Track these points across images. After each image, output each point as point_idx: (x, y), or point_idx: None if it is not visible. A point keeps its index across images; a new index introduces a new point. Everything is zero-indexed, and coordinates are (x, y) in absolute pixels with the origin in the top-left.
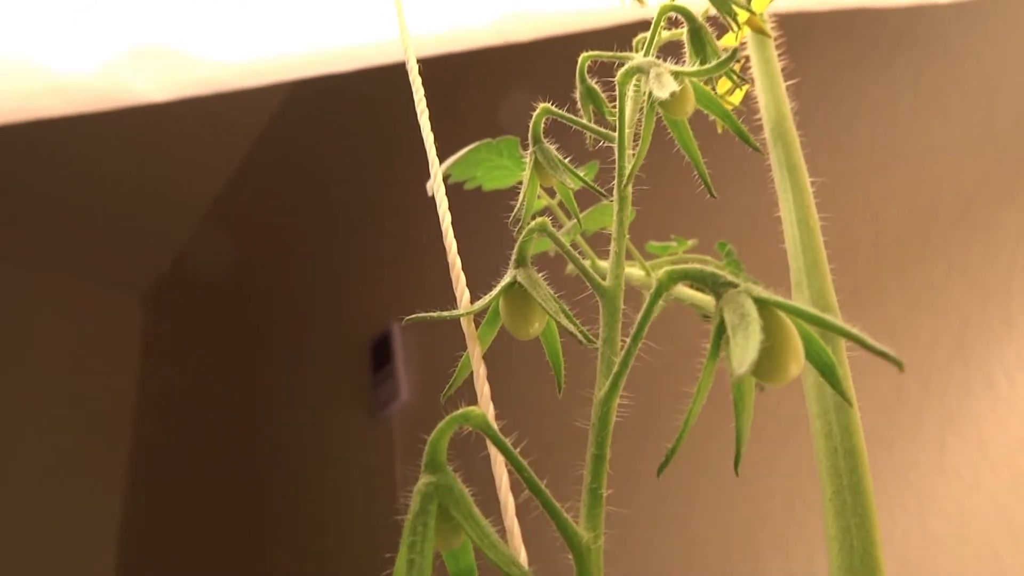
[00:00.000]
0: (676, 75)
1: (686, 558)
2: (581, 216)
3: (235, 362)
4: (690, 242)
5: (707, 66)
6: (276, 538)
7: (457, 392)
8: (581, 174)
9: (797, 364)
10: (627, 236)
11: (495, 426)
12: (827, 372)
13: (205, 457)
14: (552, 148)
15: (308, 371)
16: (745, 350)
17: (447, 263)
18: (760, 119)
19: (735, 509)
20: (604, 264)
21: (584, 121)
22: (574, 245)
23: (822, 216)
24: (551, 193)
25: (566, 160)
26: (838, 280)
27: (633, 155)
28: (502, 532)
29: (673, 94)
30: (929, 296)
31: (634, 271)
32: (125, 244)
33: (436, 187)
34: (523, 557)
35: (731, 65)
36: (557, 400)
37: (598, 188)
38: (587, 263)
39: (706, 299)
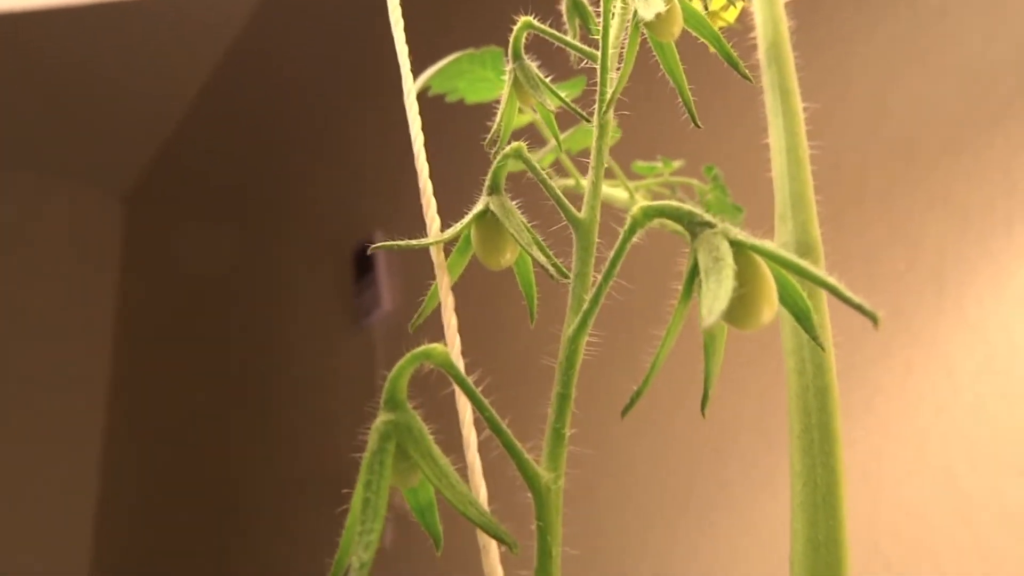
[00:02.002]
0: None
1: (650, 498)
2: (563, 136)
3: (217, 264)
4: (676, 163)
5: None
6: (256, 441)
7: (429, 319)
8: (564, 94)
9: (770, 310)
10: (606, 165)
11: (459, 363)
12: (802, 318)
13: (186, 359)
14: (533, 66)
15: (291, 277)
16: (716, 298)
17: (436, 160)
18: (755, 38)
19: (702, 446)
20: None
21: (567, 38)
22: (557, 164)
23: (812, 145)
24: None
25: (552, 75)
26: (821, 203)
27: (615, 79)
28: (464, 468)
29: (659, 15)
30: (910, 223)
31: (617, 192)
32: (105, 142)
33: (409, 107)
34: (483, 494)
35: None
36: (527, 332)
37: (579, 111)
38: (570, 182)
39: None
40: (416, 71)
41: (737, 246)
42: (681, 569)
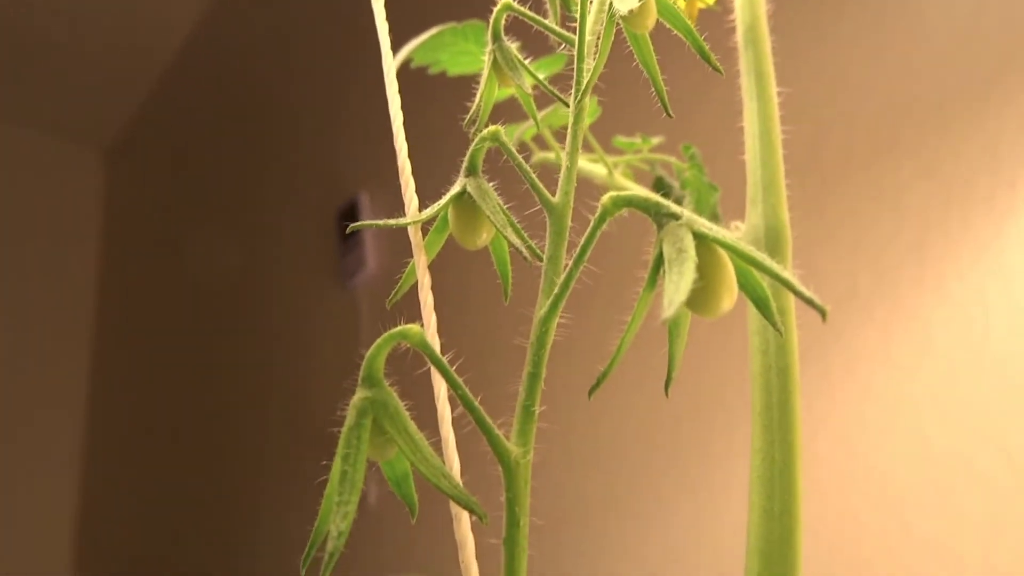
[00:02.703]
0: None
1: (612, 472)
2: (543, 114)
3: (200, 222)
4: (655, 140)
5: None
6: (240, 402)
7: (406, 295)
8: (544, 71)
9: (730, 299)
10: (580, 150)
11: (434, 342)
12: (761, 305)
13: (169, 318)
14: (512, 47)
15: (274, 237)
16: (676, 290)
17: (418, 130)
18: (734, 20)
19: (663, 423)
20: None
21: (545, 21)
22: (539, 137)
23: (786, 129)
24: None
25: (533, 56)
26: (807, 170)
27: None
28: (438, 442)
29: (632, 11)
30: (894, 193)
31: (596, 168)
32: (86, 96)
33: (389, 83)
34: (456, 467)
35: None
36: (500, 312)
37: (557, 94)
38: (551, 155)
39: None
40: (399, 42)
41: (700, 238)
42: (640, 539)
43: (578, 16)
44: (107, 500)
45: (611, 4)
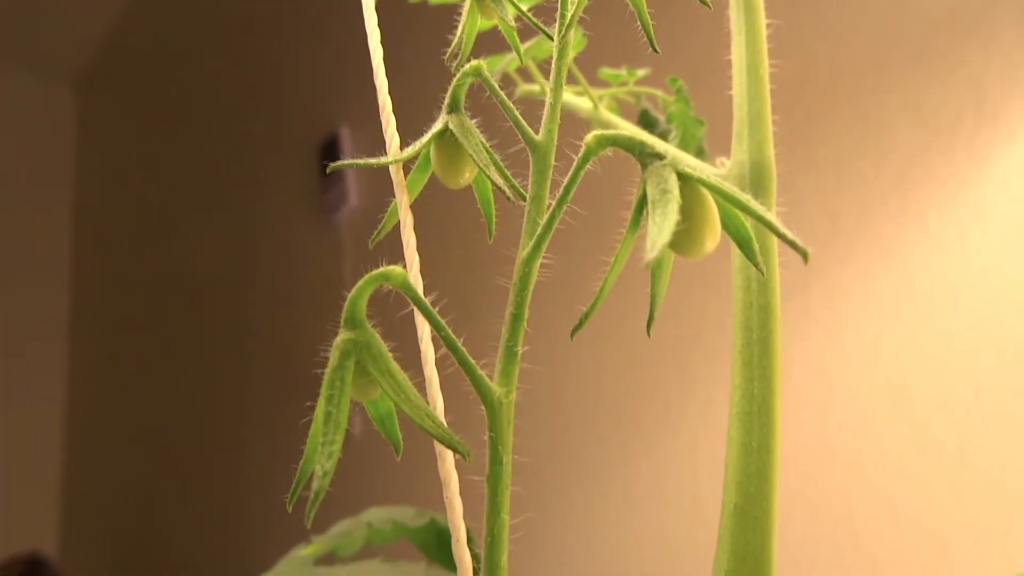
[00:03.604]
0: None
1: (592, 409)
2: (527, 46)
3: (177, 157)
4: (641, 72)
5: None
6: (224, 339)
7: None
8: (525, 5)
9: (713, 240)
10: (564, 85)
11: (417, 283)
12: (743, 245)
13: (147, 256)
14: None
15: (254, 171)
16: (659, 232)
17: (399, 60)
18: None
19: (641, 361)
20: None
21: None
22: (523, 70)
23: (773, 63)
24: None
25: None
26: (791, 105)
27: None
28: (422, 382)
29: None
30: (879, 130)
31: (581, 102)
32: (52, 26)
33: (368, 17)
34: (440, 406)
35: None
36: (484, 249)
37: (541, 26)
38: (536, 87)
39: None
40: None
41: (684, 178)
42: (623, 473)
43: None
44: (91, 445)
45: None
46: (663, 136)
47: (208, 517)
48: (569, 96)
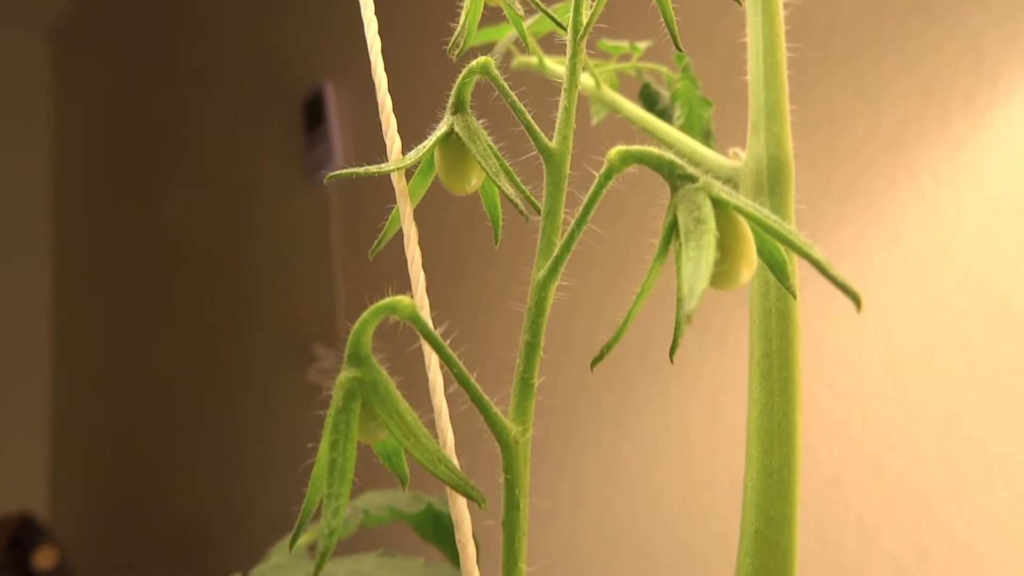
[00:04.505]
0: None
1: (582, 369)
2: (530, 22)
3: (157, 110)
4: (643, 45)
5: None
6: (208, 300)
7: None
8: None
9: (749, 272)
10: (578, 88)
11: (423, 305)
12: (777, 269)
13: (128, 214)
14: None
15: (236, 128)
16: (697, 274)
17: (387, 11)
18: None
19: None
20: (558, 67)
21: None
22: (524, 46)
23: (790, 47)
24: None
25: None
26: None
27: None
28: (430, 420)
29: None
30: (874, 88)
31: (582, 77)
32: None
33: (367, 22)
34: (450, 440)
35: None
36: (493, 263)
37: (551, 15)
38: (533, 60)
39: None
40: None
41: (719, 205)
42: (609, 433)
43: None
44: (80, 407)
45: None
46: (665, 114)
47: (199, 479)
48: (552, 64)
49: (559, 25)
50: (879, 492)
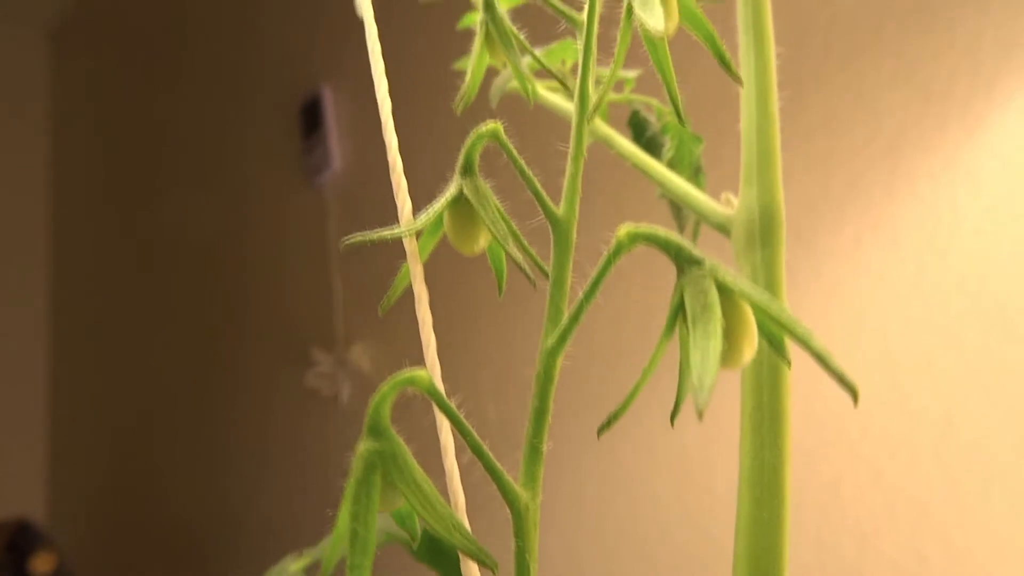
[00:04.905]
0: None
1: (583, 375)
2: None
3: (155, 112)
4: (633, 74)
5: None
6: (206, 298)
7: (397, 305)
8: (540, 52)
9: (751, 352)
10: (584, 155)
11: (434, 371)
12: (776, 345)
13: (127, 210)
14: (506, 18)
15: (234, 132)
16: (705, 364)
17: (385, 16)
18: None
19: (631, 327)
20: (552, 94)
21: None
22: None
23: (782, 96)
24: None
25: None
26: (784, 69)
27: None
28: (444, 487)
29: (665, 29)
30: (872, 93)
31: (571, 106)
32: None
33: (377, 82)
34: (461, 501)
35: None
36: (499, 325)
37: (558, 75)
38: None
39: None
40: None
41: (725, 291)
42: (607, 439)
43: (586, 11)
44: (78, 410)
45: (630, 7)
46: (653, 143)
47: (197, 483)
48: (558, 99)
49: (564, 86)
50: (877, 497)
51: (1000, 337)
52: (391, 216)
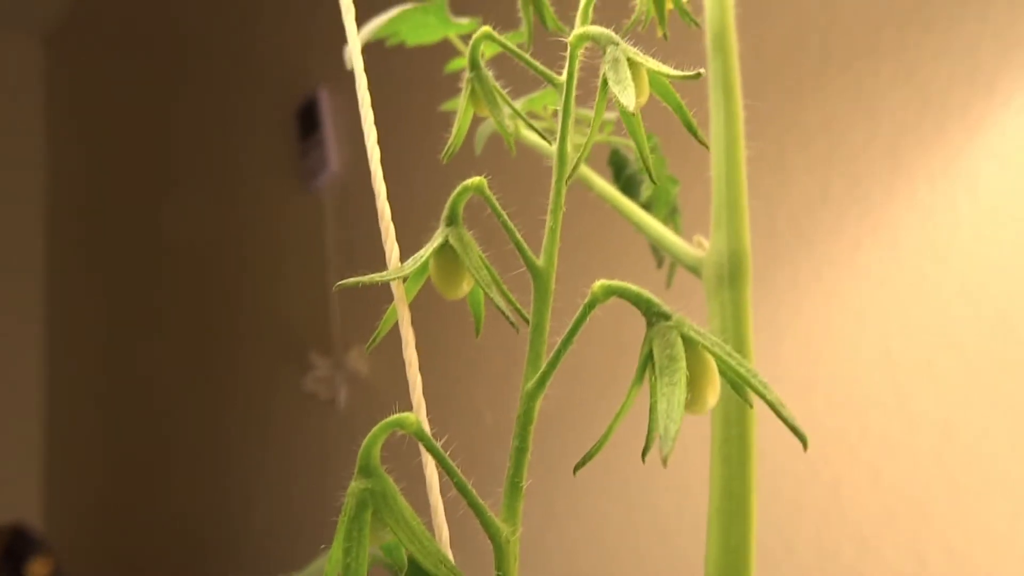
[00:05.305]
0: (633, 65)
1: (576, 382)
2: (521, 101)
3: (150, 117)
4: (612, 116)
5: (673, 71)
6: (203, 302)
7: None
8: (525, 103)
9: (714, 398)
10: (563, 207)
11: (421, 413)
12: (738, 390)
13: (122, 220)
14: (490, 76)
15: (230, 135)
16: (670, 415)
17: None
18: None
19: (627, 336)
20: (532, 134)
21: (527, 57)
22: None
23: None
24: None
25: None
26: (783, 72)
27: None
28: (431, 522)
29: (636, 105)
30: (871, 96)
31: (549, 147)
32: None
33: (364, 119)
34: (445, 535)
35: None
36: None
37: (540, 132)
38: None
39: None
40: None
41: (690, 343)
42: (604, 449)
43: (566, 67)
44: (74, 416)
45: (604, 78)
46: (632, 181)
47: (195, 488)
48: (539, 139)
49: (544, 139)
50: (877, 501)
51: (1000, 340)
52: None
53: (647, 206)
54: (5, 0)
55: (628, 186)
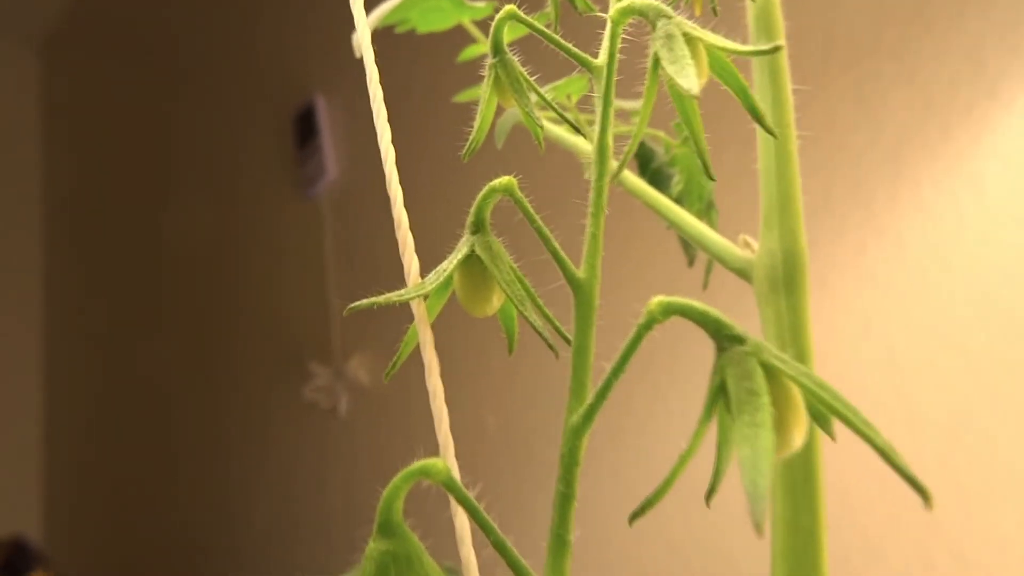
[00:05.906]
0: (690, 41)
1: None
2: (549, 88)
3: (147, 126)
4: (636, 105)
5: (741, 47)
6: (201, 310)
7: (405, 367)
8: (560, 94)
9: (800, 437)
10: (604, 211)
11: (448, 455)
12: (822, 422)
13: (121, 222)
14: (516, 62)
15: (228, 142)
16: (757, 466)
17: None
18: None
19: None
20: (555, 127)
21: (557, 38)
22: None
23: (800, 135)
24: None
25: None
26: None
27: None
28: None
29: (696, 90)
30: (873, 97)
31: (580, 141)
32: None
33: (378, 124)
34: None
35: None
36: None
37: (571, 120)
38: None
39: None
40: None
41: (771, 372)
42: (609, 453)
43: (607, 46)
44: (74, 427)
45: (656, 58)
46: (661, 174)
47: (195, 498)
48: (563, 132)
49: (578, 131)
50: (883, 506)
51: (1005, 343)
52: (387, 226)
53: (678, 201)
54: (1, 6)
55: (655, 180)
